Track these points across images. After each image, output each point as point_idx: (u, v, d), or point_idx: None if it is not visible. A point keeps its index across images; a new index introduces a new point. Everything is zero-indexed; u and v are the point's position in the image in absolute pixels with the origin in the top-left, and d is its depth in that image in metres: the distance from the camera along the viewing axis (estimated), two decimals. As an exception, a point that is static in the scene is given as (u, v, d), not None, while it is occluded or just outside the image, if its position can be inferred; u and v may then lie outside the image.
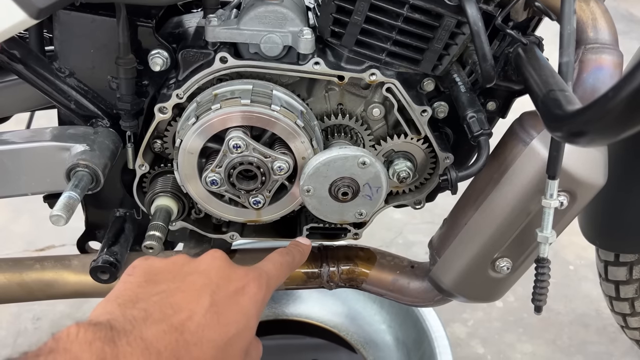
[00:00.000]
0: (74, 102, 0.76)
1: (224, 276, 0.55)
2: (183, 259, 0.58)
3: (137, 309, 0.48)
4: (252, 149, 0.68)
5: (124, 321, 0.46)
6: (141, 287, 0.52)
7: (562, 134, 0.47)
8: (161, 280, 0.53)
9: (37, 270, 0.85)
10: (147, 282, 0.53)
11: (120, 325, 0.45)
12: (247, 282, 0.56)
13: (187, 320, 0.49)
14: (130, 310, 0.48)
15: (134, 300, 0.50)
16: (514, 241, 0.74)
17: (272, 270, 0.62)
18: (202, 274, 0.55)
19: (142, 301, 0.50)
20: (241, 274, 0.57)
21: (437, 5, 0.67)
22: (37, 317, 1.41)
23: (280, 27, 0.71)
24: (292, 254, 0.70)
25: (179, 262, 0.57)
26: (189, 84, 0.72)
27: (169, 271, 0.55)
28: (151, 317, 0.47)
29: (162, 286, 0.52)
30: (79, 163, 0.70)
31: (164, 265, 0.56)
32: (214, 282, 0.54)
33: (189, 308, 0.50)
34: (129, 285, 0.52)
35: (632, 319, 1.15)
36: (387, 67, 0.73)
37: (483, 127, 0.70)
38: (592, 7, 0.67)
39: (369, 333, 1.28)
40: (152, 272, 0.54)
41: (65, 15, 0.72)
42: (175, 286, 0.52)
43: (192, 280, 0.54)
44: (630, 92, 0.37)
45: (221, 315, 0.51)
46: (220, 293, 0.53)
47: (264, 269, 0.61)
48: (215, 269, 0.56)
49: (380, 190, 0.73)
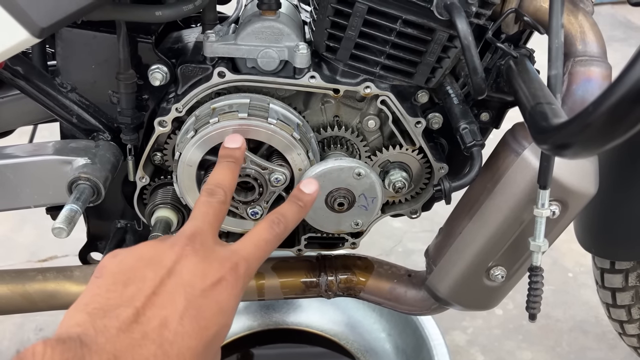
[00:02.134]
0: (76, 116, 0.78)
1: (197, 272, 0.51)
2: (151, 249, 0.52)
3: (108, 318, 0.45)
4: (250, 162, 0.70)
5: (95, 334, 0.43)
6: (110, 291, 0.48)
7: (548, 147, 0.48)
8: (130, 281, 0.49)
9: (39, 281, 0.86)
10: (116, 284, 0.49)
11: (91, 339, 0.43)
12: (223, 275, 0.52)
13: (162, 329, 0.46)
14: (101, 320, 0.45)
15: (105, 308, 0.46)
16: (508, 250, 0.75)
17: (253, 253, 0.56)
18: (171, 272, 0.50)
19: (112, 308, 0.46)
20: (216, 267, 0.52)
21: (429, 20, 0.68)
22: (39, 327, 1.42)
23: (276, 42, 0.73)
24: (285, 222, 0.60)
25: (147, 255, 0.52)
26: (187, 98, 0.73)
27: (137, 268, 0.50)
28: (123, 327, 0.45)
29: (131, 288, 0.48)
30: (80, 176, 0.72)
31: (132, 261, 0.51)
32: (187, 280, 0.50)
33: (161, 315, 0.47)
34: (97, 290, 0.49)
35: (630, 326, 1.16)
36: (381, 80, 0.74)
37: (476, 138, 0.71)
38: (580, 21, 0.69)
39: (369, 341, 1.28)
40: (120, 271, 0.50)
41: (67, 32, 0.74)
42: (146, 286, 0.48)
43: (161, 280, 0.49)
44: (610, 106, 0.39)
45: (199, 319, 0.48)
46: (194, 292, 0.49)
47: (242, 254, 0.55)
48: (187, 264, 0.51)
49: (376, 201, 0.75)
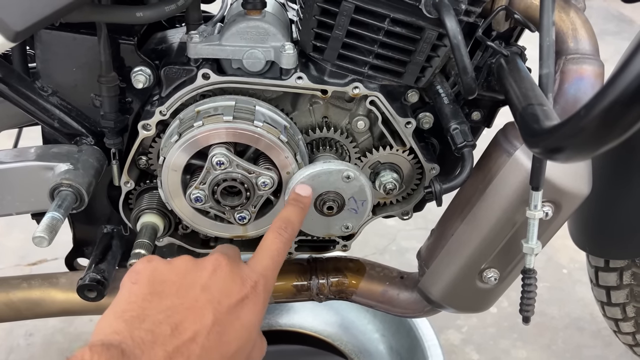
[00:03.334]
0: (58, 120, 0.76)
1: (224, 290, 0.55)
2: (186, 266, 0.57)
3: (144, 330, 0.49)
4: (236, 165, 0.68)
5: (133, 345, 0.47)
6: (146, 300, 0.52)
7: (540, 150, 0.47)
8: (165, 294, 0.54)
9: (24, 289, 0.84)
10: (152, 294, 0.53)
11: (130, 350, 0.47)
12: (246, 294, 0.56)
13: (192, 343, 0.50)
14: (138, 331, 0.49)
15: (141, 317, 0.50)
16: (501, 252, 0.74)
17: (269, 266, 0.61)
18: (204, 288, 0.55)
19: (148, 320, 0.50)
20: (239, 285, 0.57)
21: (418, 18, 0.67)
22: (29, 333, 1.40)
23: (262, 42, 0.71)
24: (291, 225, 0.64)
25: (181, 269, 0.57)
26: (172, 101, 0.72)
27: (172, 281, 0.55)
28: (157, 340, 0.49)
29: (166, 302, 0.53)
30: (62, 182, 0.70)
31: (167, 272, 0.56)
32: (216, 297, 0.54)
33: (192, 329, 0.51)
34: (134, 297, 0.53)
35: (624, 324, 1.15)
36: (370, 80, 0.73)
37: (466, 138, 0.70)
38: (572, 18, 0.67)
39: (363, 342, 1.27)
40: (156, 280, 0.55)
41: (46, 34, 0.72)
42: (179, 302, 0.53)
43: (194, 295, 0.54)
44: (603, 109, 0.37)
45: (223, 335, 0.53)
46: (221, 309, 0.54)
47: (260, 270, 0.60)
48: (216, 281, 0.56)
49: (366, 204, 0.73)
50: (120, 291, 0.55)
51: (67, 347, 1.38)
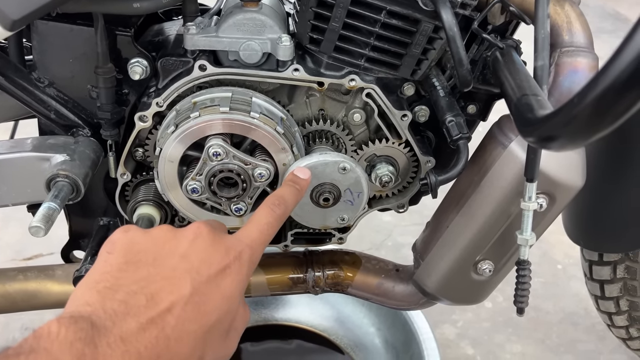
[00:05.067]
0: (54, 111, 0.76)
1: (204, 259, 0.53)
2: (164, 234, 0.55)
3: (117, 300, 0.47)
4: (232, 157, 0.68)
5: (104, 316, 0.45)
6: (121, 270, 0.50)
7: (534, 139, 0.47)
8: (141, 263, 0.51)
9: (20, 281, 0.85)
10: (127, 263, 0.51)
11: (100, 321, 0.45)
12: (228, 263, 0.54)
13: (167, 314, 0.48)
14: (111, 301, 0.47)
15: (114, 288, 0.48)
16: (495, 243, 0.74)
17: (257, 239, 0.58)
18: (182, 257, 0.52)
19: (122, 290, 0.48)
20: (222, 254, 0.54)
21: (414, 10, 0.67)
22: (25, 326, 1.40)
23: (259, 34, 0.71)
24: (284, 204, 0.63)
25: (160, 239, 0.54)
26: (168, 92, 0.72)
27: (149, 251, 0.52)
28: (131, 311, 0.46)
29: (142, 271, 0.50)
30: (58, 173, 0.70)
31: (144, 242, 0.53)
32: (195, 267, 0.52)
33: (169, 300, 0.48)
34: (108, 267, 0.50)
35: (618, 318, 1.16)
36: (366, 73, 0.73)
37: (462, 131, 0.70)
38: (567, 11, 0.68)
39: (358, 336, 1.28)
40: (132, 250, 0.52)
41: (42, 25, 0.72)
42: (156, 272, 0.50)
43: (172, 264, 0.52)
44: (595, 97, 0.38)
45: (202, 305, 0.50)
46: (200, 279, 0.51)
47: (247, 241, 0.57)
48: (196, 250, 0.53)
49: (362, 195, 0.74)
50: (96, 262, 0.52)
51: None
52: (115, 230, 0.55)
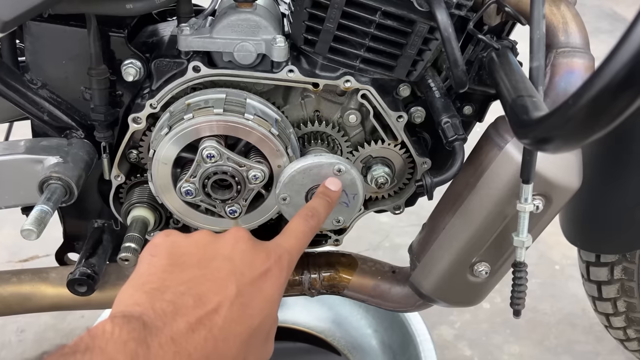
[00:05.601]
0: (47, 113, 0.76)
1: (247, 261, 0.54)
2: (206, 238, 0.56)
3: (166, 301, 0.47)
4: (227, 158, 0.68)
5: (154, 317, 0.46)
6: (166, 272, 0.51)
7: (529, 141, 0.47)
8: (186, 265, 0.52)
9: (14, 284, 0.84)
10: (172, 265, 0.52)
11: (151, 321, 0.45)
12: (269, 267, 0.55)
13: (214, 314, 0.48)
14: (160, 302, 0.47)
15: (162, 289, 0.49)
16: (492, 245, 0.74)
17: (295, 245, 0.59)
18: (226, 259, 0.53)
19: (170, 291, 0.49)
20: (263, 258, 0.55)
21: (409, 11, 0.67)
22: (21, 329, 1.40)
23: (253, 35, 0.71)
24: (317, 215, 0.64)
25: (202, 242, 0.55)
26: (162, 94, 0.71)
27: (192, 254, 0.53)
28: (179, 312, 0.47)
29: (187, 273, 0.51)
30: (51, 176, 0.70)
31: (187, 245, 0.54)
32: (239, 268, 0.53)
33: (215, 300, 0.49)
34: (153, 269, 0.51)
35: (616, 319, 1.16)
36: (361, 74, 0.73)
37: (457, 132, 0.70)
38: (562, 11, 0.67)
39: (356, 338, 1.27)
40: (175, 253, 0.53)
41: (35, 26, 0.71)
42: (201, 273, 0.51)
43: (217, 266, 0.52)
44: (590, 99, 0.38)
45: (247, 307, 0.51)
46: (244, 280, 0.52)
47: (285, 246, 0.58)
48: (239, 253, 0.54)
49: (357, 197, 0.73)
50: (138, 265, 0.53)
51: (59, 343, 1.37)
52: (156, 234, 0.56)
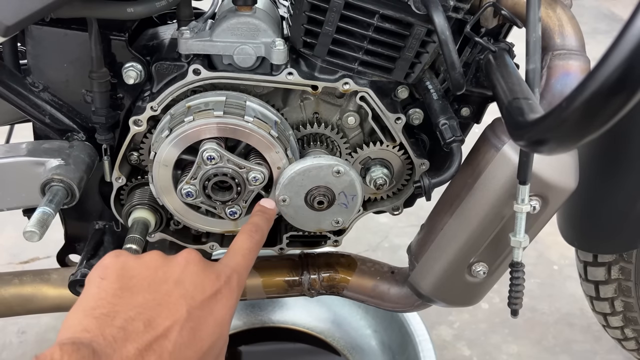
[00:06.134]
0: (49, 116, 0.76)
1: (198, 284, 0.54)
2: (157, 260, 0.56)
3: (116, 327, 0.48)
4: (227, 160, 0.69)
5: (104, 344, 0.46)
6: (116, 296, 0.51)
7: (525, 143, 0.47)
8: (136, 289, 0.52)
9: (15, 285, 0.85)
10: (122, 289, 0.51)
11: (101, 348, 0.45)
12: (219, 288, 0.55)
13: (164, 340, 0.49)
14: (109, 328, 0.47)
15: (112, 314, 0.49)
16: (489, 246, 0.74)
17: (242, 264, 0.61)
18: (176, 282, 0.54)
19: (120, 316, 0.49)
20: (213, 279, 0.56)
21: (407, 14, 0.67)
22: (22, 330, 1.40)
23: (252, 38, 0.71)
24: (260, 230, 0.66)
25: (152, 264, 0.55)
26: (163, 96, 0.72)
27: (143, 276, 0.53)
28: (129, 338, 0.47)
29: (138, 297, 0.51)
30: (53, 178, 0.70)
31: (137, 267, 0.54)
32: (189, 292, 0.53)
33: (165, 325, 0.50)
34: (103, 293, 0.51)
35: (613, 318, 1.16)
36: (360, 76, 0.73)
37: (455, 134, 0.70)
38: (558, 14, 0.68)
39: (355, 338, 1.28)
40: (125, 275, 0.53)
41: (37, 30, 0.72)
42: (152, 297, 0.52)
43: (167, 290, 0.53)
44: (584, 101, 0.38)
45: (197, 330, 0.51)
46: (194, 304, 0.53)
47: (233, 266, 0.59)
48: (189, 275, 0.55)
49: (356, 199, 0.74)
50: (87, 287, 0.52)
51: (59, 345, 1.37)
52: (105, 255, 0.56)
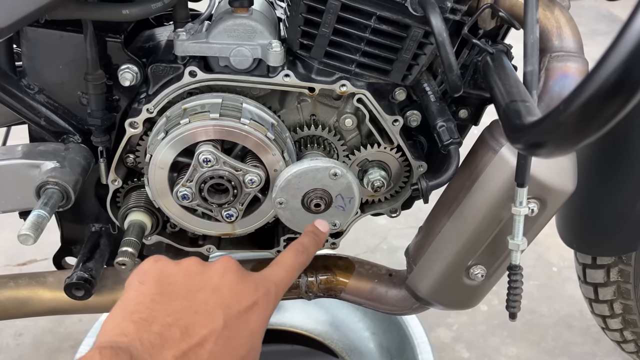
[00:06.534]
0: (44, 118, 0.76)
1: (235, 293, 0.54)
2: (195, 267, 0.56)
3: (153, 332, 0.48)
4: (223, 163, 0.68)
5: (142, 349, 0.46)
6: (155, 301, 0.51)
7: (522, 146, 0.47)
8: (174, 295, 0.52)
9: (11, 288, 0.84)
10: (160, 294, 0.52)
11: (139, 353, 0.46)
12: (256, 299, 0.55)
13: (200, 348, 0.49)
14: (147, 333, 0.48)
15: (149, 319, 0.49)
16: (487, 248, 0.74)
17: (283, 279, 0.61)
18: (214, 291, 0.54)
19: (157, 322, 0.49)
20: (251, 290, 0.56)
21: (404, 16, 0.67)
22: (19, 333, 1.40)
23: (249, 40, 0.71)
24: (307, 251, 0.66)
25: (190, 271, 0.56)
26: (159, 99, 0.71)
27: (181, 283, 0.54)
28: (166, 344, 0.48)
29: (175, 304, 0.52)
30: (48, 180, 0.70)
31: (175, 273, 0.55)
32: (226, 301, 0.53)
33: (202, 333, 0.50)
34: (142, 298, 0.52)
35: (612, 321, 1.16)
36: (357, 78, 0.73)
37: (453, 136, 0.70)
38: (556, 16, 0.68)
39: (353, 340, 1.27)
40: (164, 281, 0.54)
41: (32, 32, 0.72)
42: (189, 304, 0.52)
43: (204, 298, 0.53)
44: (581, 104, 0.38)
45: (232, 340, 0.52)
46: (231, 313, 0.53)
47: (274, 279, 0.59)
48: (227, 284, 0.55)
49: (353, 201, 0.73)
50: (126, 290, 0.53)
51: (56, 347, 1.37)
52: (145, 259, 0.56)
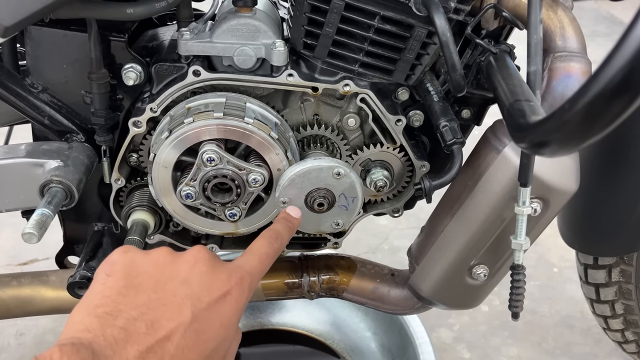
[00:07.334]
0: (48, 117, 0.76)
1: (205, 284, 0.53)
2: (165, 257, 0.55)
3: (117, 327, 0.47)
4: (226, 162, 0.68)
5: (104, 344, 0.45)
6: (121, 294, 0.50)
7: (526, 145, 0.47)
8: (142, 287, 0.51)
9: (13, 287, 0.84)
10: (127, 287, 0.50)
11: (101, 349, 0.44)
12: (229, 289, 0.54)
13: (166, 342, 0.47)
14: (111, 328, 0.46)
15: (114, 313, 0.48)
16: (490, 248, 0.74)
17: (257, 267, 0.59)
18: (183, 282, 0.52)
19: (122, 316, 0.48)
20: (223, 280, 0.54)
21: (408, 16, 0.67)
22: (20, 332, 1.40)
23: (253, 39, 0.71)
24: (281, 238, 0.64)
25: (160, 262, 0.54)
26: (162, 98, 0.72)
27: (149, 274, 0.52)
28: (131, 339, 0.46)
29: (142, 296, 0.50)
30: (52, 179, 0.70)
31: (144, 264, 0.53)
32: (195, 292, 0.52)
33: (169, 326, 0.48)
34: (108, 291, 0.50)
35: (613, 321, 1.16)
36: (360, 78, 0.73)
37: (456, 135, 0.70)
38: (560, 16, 0.68)
39: (354, 340, 1.27)
40: (132, 273, 0.52)
41: (36, 30, 0.72)
42: (156, 297, 0.50)
43: (173, 289, 0.51)
44: (586, 103, 0.38)
45: (201, 332, 0.50)
46: (201, 305, 0.51)
47: (247, 268, 0.57)
48: (197, 275, 0.53)
49: (356, 200, 0.74)
50: (93, 283, 0.51)
51: (58, 347, 1.37)
52: (113, 251, 0.55)
